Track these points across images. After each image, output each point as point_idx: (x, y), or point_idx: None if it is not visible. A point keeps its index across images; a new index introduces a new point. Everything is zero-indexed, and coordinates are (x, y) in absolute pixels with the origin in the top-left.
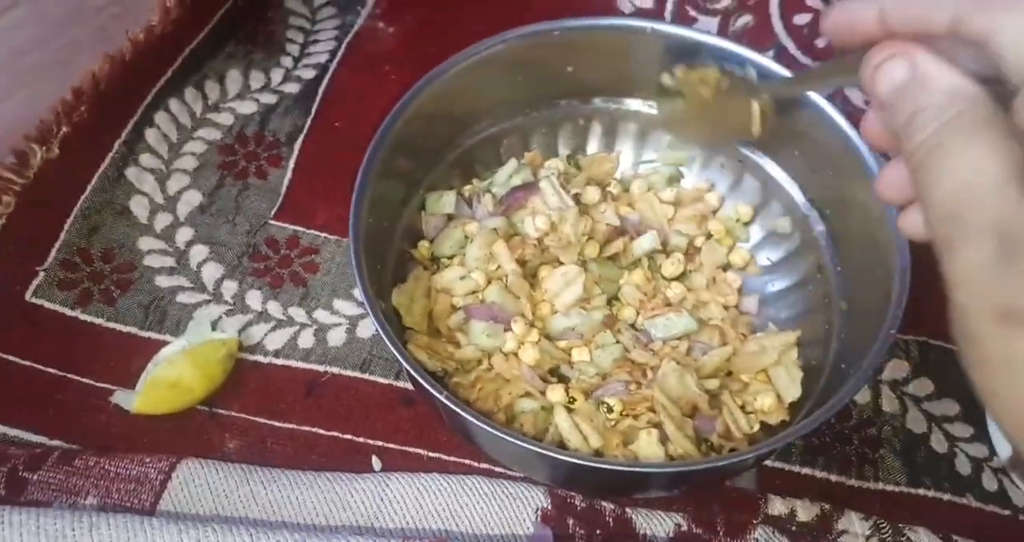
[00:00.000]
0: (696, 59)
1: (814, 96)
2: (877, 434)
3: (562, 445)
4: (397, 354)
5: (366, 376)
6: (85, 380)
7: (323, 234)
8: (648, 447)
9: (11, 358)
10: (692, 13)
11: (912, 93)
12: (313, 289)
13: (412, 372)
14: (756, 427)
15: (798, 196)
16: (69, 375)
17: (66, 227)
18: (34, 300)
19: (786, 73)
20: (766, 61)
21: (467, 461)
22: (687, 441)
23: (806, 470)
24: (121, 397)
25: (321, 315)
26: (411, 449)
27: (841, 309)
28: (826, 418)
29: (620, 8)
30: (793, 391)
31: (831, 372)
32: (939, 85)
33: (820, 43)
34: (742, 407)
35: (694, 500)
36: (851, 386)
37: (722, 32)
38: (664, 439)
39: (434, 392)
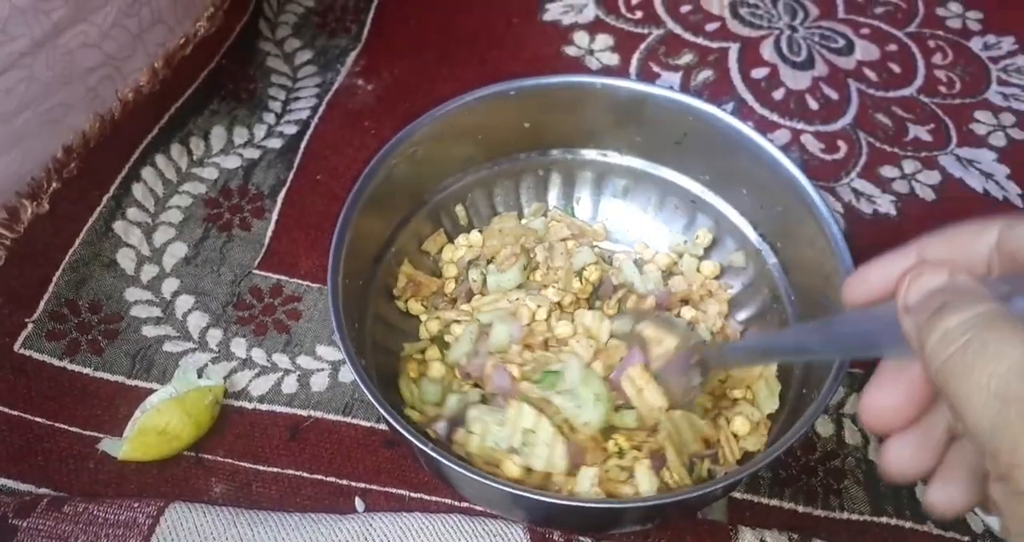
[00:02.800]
0: (643, 113)
1: (754, 135)
2: (841, 466)
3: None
4: (372, 399)
5: (348, 419)
6: (73, 429)
7: (305, 282)
8: (644, 479)
9: (0, 409)
10: (655, 69)
11: (944, 293)
12: (296, 336)
13: (385, 414)
14: (739, 454)
15: (750, 232)
16: (57, 424)
17: (55, 279)
18: (23, 351)
19: (741, 127)
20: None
21: (448, 500)
22: (684, 470)
23: (774, 501)
24: (109, 444)
25: (304, 361)
26: (393, 490)
27: None
28: (787, 445)
29: (587, 66)
30: (771, 403)
31: (794, 400)
32: (974, 292)
33: (776, 95)
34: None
35: (668, 533)
36: (809, 415)
37: (684, 86)
38: (659, 468)
39: (405, 433)
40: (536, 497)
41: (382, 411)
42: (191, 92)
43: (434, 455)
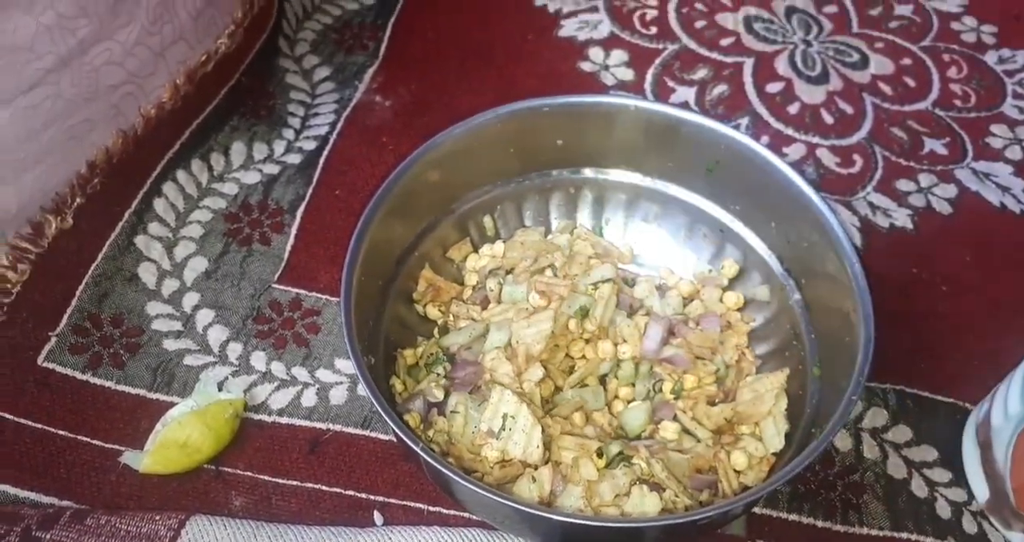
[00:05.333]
0: (676, 138)
1: (785, 168)
2: (860, 480)
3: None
4: (381, 412)
5: (367, 433)
6: (95, 441)
7: (324, 296)
8: (643, 502)
9: (23, 421)
10: (670, 84)
11: None
12: (315, 349)
13: (396, 428)
14: (738, 488)
15: (776, 266)
16: (79, 436)
17: (78, 293)
18: (46, 364)
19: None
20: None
21: (467, 514)
22: (686, 496)
23: (793, 516)
24: (130, 457)
25: (323, 374)
26: (412, 503)
27: (814, 375)
28: (798, 469)
29: (603, 81)
30: (776, 443)
31: (802, 439)
32: None
33: (791, 109)
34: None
35: None
36: (820, 440)
37: (699, 101)
38: (657, 489)
39: (414, 447)
40: (549, 516)
41: (392, 424)
42: (212, 109)
43: (441, 467)
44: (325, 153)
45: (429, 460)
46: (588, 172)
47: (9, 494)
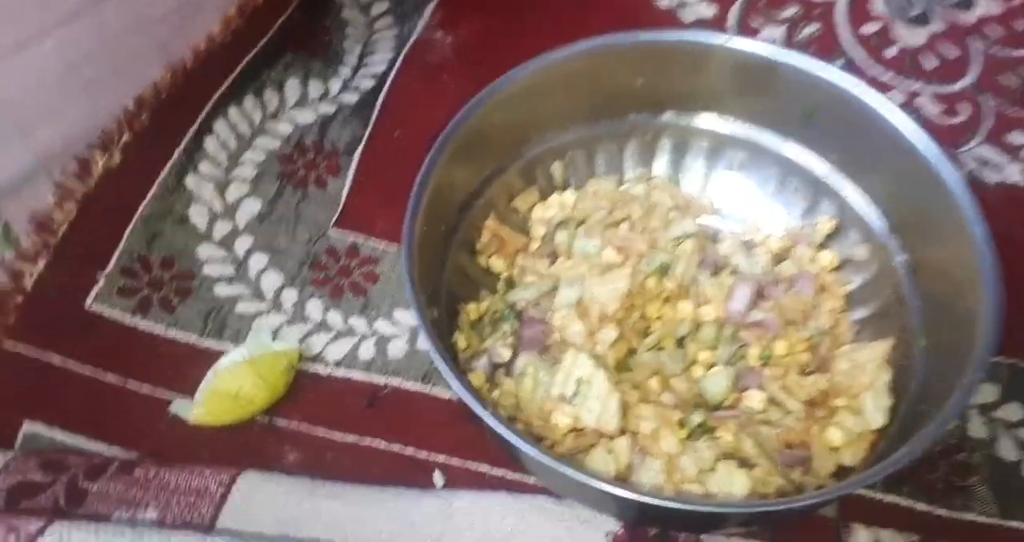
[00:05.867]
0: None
1: (899, 116)
2: (966, 461)
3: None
4: (446, 374)
5: (428, 389)
6: (144, 388)
7: (383, 244)
8: (730, 480)
9: (71, 366)
10: (756, 22)
11: None
12: (373, 299)
13: (460, 391)
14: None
15: (877, 223)
16: (129, 383)
17: (126, 235)
18: (94, 307)
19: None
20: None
21: (532, 479)
22: (778, 475)
23: (890, 498)
24: (180, 406)
25: (382, 325)
26: (473, 465)
27: (919, 345)
28: (918, 454)
29: (681, 19)
30: (878, 418)
31: (906, 417)
32: None
33: (888, 53)
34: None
35: (774, 530)
36: (931, 429)
37: (787, 42)
38: (745, 465)
39: (481, 413)
40: (629, 496)
41: (454, 384)
42: (264, 44)
43: (509, 437)
44: (383, 92)
45: (496, 427)
46: (669, 116)
47: (57, 440)
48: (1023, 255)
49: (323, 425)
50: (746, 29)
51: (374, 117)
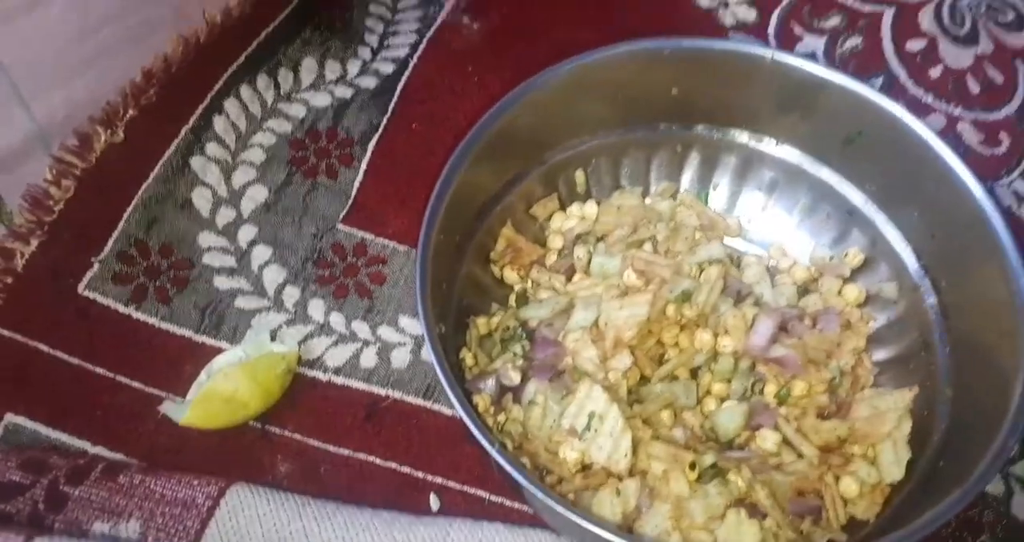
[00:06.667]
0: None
1: (944, 149)
2: (978, 518)
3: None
4: (451, 396)
5: (430, 405)
6: (135, 384)
7: (392, 243)
8: (739, 531)
9: (59, 354)
10: (797, 30)
11: None
12: (378, 302)
13: (466, 418)
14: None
15: (910, 261)
16: (119, 377)
17: (125, 217)
18: (87, 293)
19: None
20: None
21: (530, 509)
22: (789, 528)
23: None
24: (171, 407)
25: (386, 332)
26: (472, 490)
27: (946, 395)
28: (940, 522)
29: (721, 21)
30: (895, 472)
31: (925, 472)
32: None
33: (933, 73)
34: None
35: None
36: (955, 500)
37: (829, 54)
38: (756, 515)
39: (487, 445)
40: None
41: (459, 410)
42: (283, 18)
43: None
44: (404, 79)
45: (502, 462)
46: (701, 128)
47: (40, 434)
48: None
49: (318, 436)
50: (787, 36)
51: (392, 105)
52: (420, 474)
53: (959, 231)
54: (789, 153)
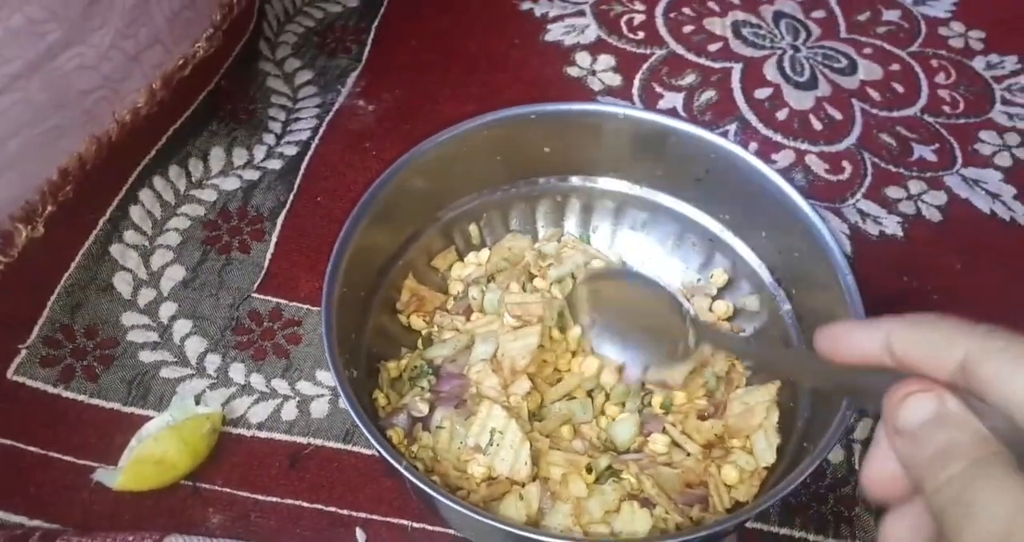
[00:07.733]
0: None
1: (775, 178)
2: (852, 493)
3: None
4: (362, 428)
5: (349, 447)
6: (67, 458)
7: (305, 305)
8: (633, 519)
9: None
10: (658, 89)
11: (939, 429)
12: (296, 360)
13: (377, 445)
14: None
15: (766, 276)
16: (51, 453)
17: (49, 304)
18: (16, 378)
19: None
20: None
21: (452, 531)
22: (677, 512)
23: (784, 530)
24: (103, 474)
25: (304, 386)
26: (395, 520)
27: (805, 388)
28: (791, 487)
29: (590, 87)
30: (768, 457)
31: (793, 453)
32: (967, 426)
33: (780, 115)
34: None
35: None
36: (807, 462)
37: (687, 107)
38: (647, 505)
39: (397, 465)
40: (542, 538)
41: (372, 440)
42: (190, 113)
43: (424, 486)
44: (307, 159)
45: (412, 478)
46: (576, 180)
47: None
48: (910, 300)
49: (246, 487)
50: (650, 95)
51: (297, 183)
52: (345, 511)
53: (795, 244)
54: (653, 194)
